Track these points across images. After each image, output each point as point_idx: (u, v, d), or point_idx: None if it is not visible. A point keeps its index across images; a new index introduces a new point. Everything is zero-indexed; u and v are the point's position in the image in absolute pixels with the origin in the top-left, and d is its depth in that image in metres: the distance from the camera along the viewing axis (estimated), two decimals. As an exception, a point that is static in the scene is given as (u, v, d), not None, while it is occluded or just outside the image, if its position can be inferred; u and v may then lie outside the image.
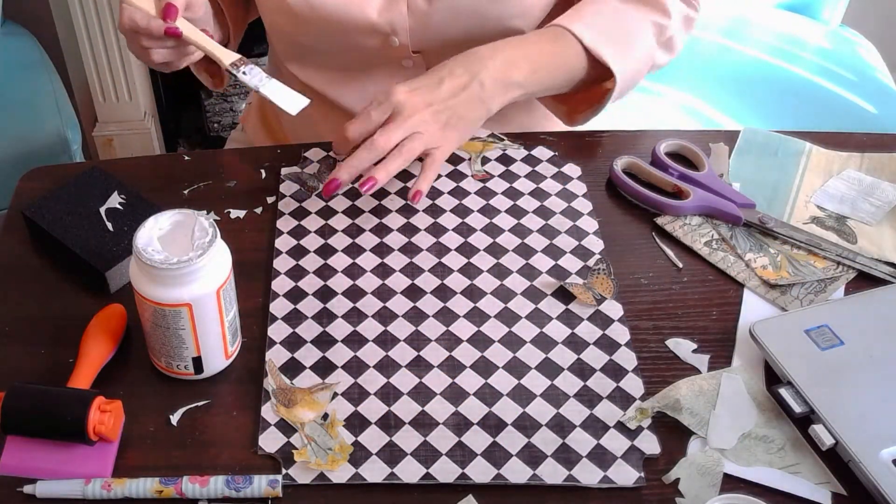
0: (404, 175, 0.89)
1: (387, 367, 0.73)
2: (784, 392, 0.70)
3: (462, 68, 0.85)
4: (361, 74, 0.98)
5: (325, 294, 0.78)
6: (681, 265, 0.83)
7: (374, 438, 0.68)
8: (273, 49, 1.06)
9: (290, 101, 0.83)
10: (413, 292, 0.79)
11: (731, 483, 0.67)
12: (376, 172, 0.81)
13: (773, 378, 0.73)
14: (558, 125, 1.07)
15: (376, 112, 0.82)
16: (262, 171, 0.90)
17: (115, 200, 0.82)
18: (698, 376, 0.73)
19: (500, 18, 0.91)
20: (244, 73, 0.82)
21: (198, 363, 0.70)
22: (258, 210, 0.86)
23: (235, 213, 0.86)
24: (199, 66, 0.96)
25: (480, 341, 0.75)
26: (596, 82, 0.94)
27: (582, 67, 0.90)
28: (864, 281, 0.82)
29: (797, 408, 0.69)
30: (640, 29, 0.92)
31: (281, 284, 0.79)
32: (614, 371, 0.73)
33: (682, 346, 0.75)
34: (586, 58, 0.90)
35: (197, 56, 0.85)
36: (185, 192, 0.87)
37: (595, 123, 1.13)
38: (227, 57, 0.83)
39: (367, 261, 0.81)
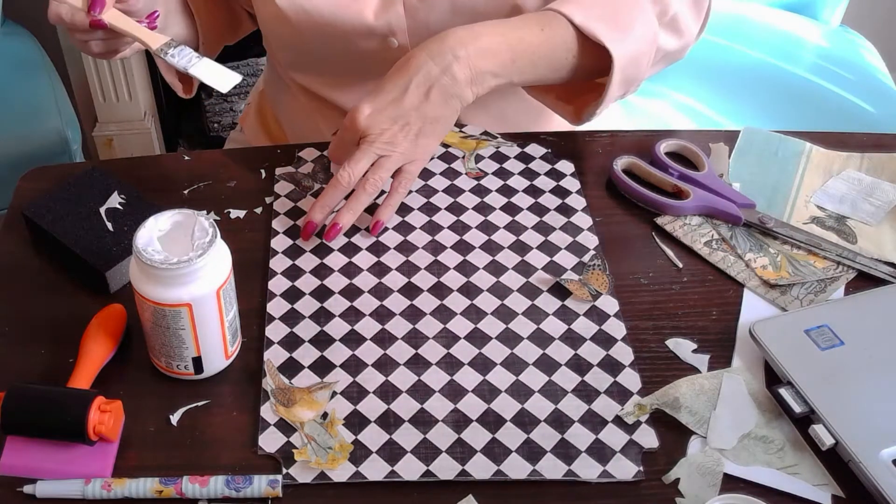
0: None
1: (385, 365, 0.73)
2: (784, 392, 0.70)
3: (431, 62, 0.80)
4: (362, 76, 0.98)
5: (321, 293, 0.78)
6: (681, 265, 0.83)
7: (373, 437, 0.68)
8: (272, 55, 1.06)
9: (221, 79, 0.80)
10: (410, 290, 0.79)
11: (731, 483, 0.67)
12: (340, 218, 0.81)
13: (773, 378, 0.73)
14: (558, 125, 1.07)
15: (349, 139, 0.82)
16: (262, 171, 0.90)
17: (115, 200, 0.82)
18: (699, 375, 0.73)
19: (497, 14, 0.91)
20: (172, 55, 0.80)
21: (198, 363, 0.70)
22: (258, 210, 0.86)
23: (235, 213, 0.86)
24: (168, 72, 0.95)
25: (478, 338, 0.75)
26: (596, 73, 0.88)
27: (574, 53, 0.84)
28: (864, 281, 0.82)
29: (797, 408, 0.69)
30: (636, 6, 0.85)
31: (277, 284, 0.79)
32: (611, 366, 0.73)
33: (682, 346, 0.76)
34: (578, 41, 0.83)
35: (137, 46, 0.84)
36: (185, 192, 0.87)
37: (595, 123, 1.12)
38: (154, 41, 0.80)
39: (363, 259, 0.81)
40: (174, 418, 0.70)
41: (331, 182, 0.82)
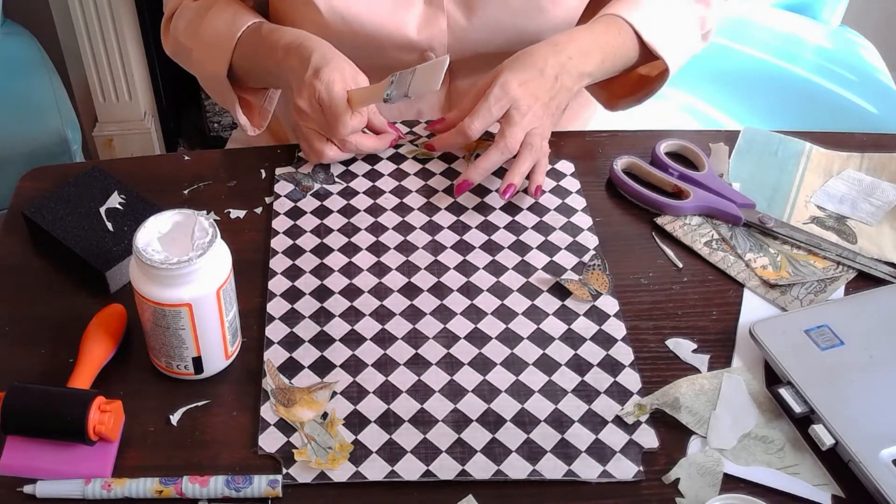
0: (399, 174, 0.89)
1: (385, 365, 0.73)
2: (784, 392, 0.70)
3: (553, 59, 0.86)
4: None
5: (321, 293, 0.78)
6: (681, 265, 0.83)
7: (373, 436, 0.68)
8: None
9: (435, 77, 0.80)
10: (410, 290, 0.79)
11: (731, 483, 0.67)
12: (512, 178, 0.84)
13: (773, 378, 0.73)
14: (559, 125, 1.07)
15: (496, 107, 0.84)
16: (262, 171, 0.90)
17: (115, 200, 0.82)
18: (699, 375, 0.73)
19: (537, 33, 0.93)
20: (390, 93, 0.82)
21: (198, 363, 0.70)
22: (258, 210, 0.86)
23: (235, 213, 0.86)
24: (241, 106, 0.95)
25: (478, 338, 0.75)
26: (638, 67, 0.96)
27: (637, 57, 0.93)
28: (864, 281, 0.82)
29: (797, 408, 0.69)
30: (688, 23, 0.95)
31: (277, 284, 0.79)
32: (611, 366, 0.73)
33: (682, 346, 0.76)
34: (640, 49, 0.92)
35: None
36: (185, 192, 0.87)
37: (595, 123, 1.13)
38: (382, 90, 0.83)
39: (364, 259, 0.81)
40: (174, 418, 0.69)
41: (496, 146, 0.84)
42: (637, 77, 0.97)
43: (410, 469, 0.66)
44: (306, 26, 0.93)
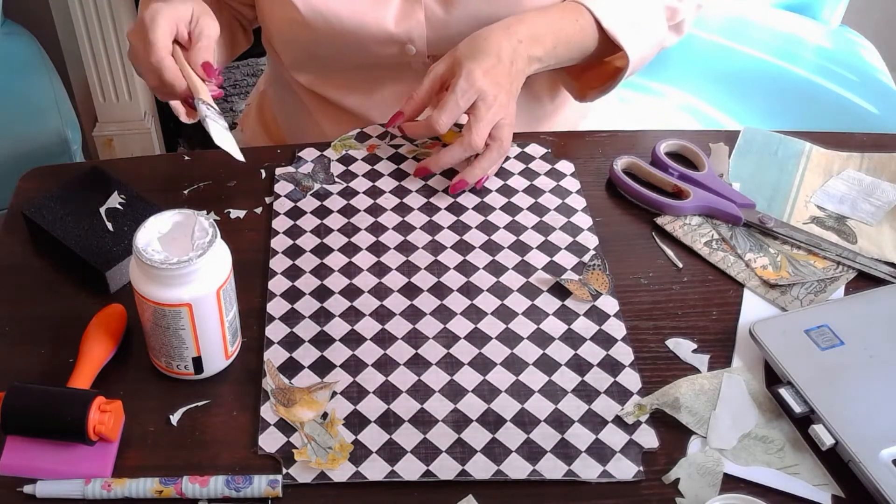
0: (399, 174, 0.89)
1: (385, 365, 0.73)
2: (784, 392, 0.70)
3: (505, 43, 0.86)
4: (368, 78, 0.98)
5: (321, 293, 0.78)
6: (681, 265, 0.83)
7: (373, 437, 0.68)
8: (275, 56, 1.04)
9: (231, 145, 0.81)
10: (410, 290, 0.79)
11: (731, 483, 0.67)
12: (467, 176, 0.85)
13: (773, 378, 0.73)
14: (558, 125, 1.07)
15: (463, 100, 0.84)
16: (262, 171, 0.90)
17: (115, 200, 0.82)
18: (699, 375, 0.73)
19: None
20: (207, 108, 0.81)
21: (198, 363, 0.70)
22: (258, 210, 0.86)
23: (235, 213, 0.86)
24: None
25: (478, 338, 0.75)
26: (604, 57, 0.95)
27: (595, 45, 0.92)
28: (864, 281, 0.82)
29: (797, 408, 0.69)
30: (653, 13, 0.94)
31: (277, 284, 0.79)
32: (611, 366, 0.73)
33: (682, 346, 0.76)
34: (600, 37, 0.91)
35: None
36: (185, 192, 0.87)
37: (595, 123, 1.13)
38: (204, 92, 0.81)
39: (364, 259, 0.81)
40: (174, 418, 0.69)
41: (458, 142, 0.84)
42: (612, 69, 0.96)
43: (410, 469, 0.66)
44: (285, 25, 0.94)
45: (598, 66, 0.96)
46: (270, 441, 0.68)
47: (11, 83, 1.57)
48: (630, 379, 0.72)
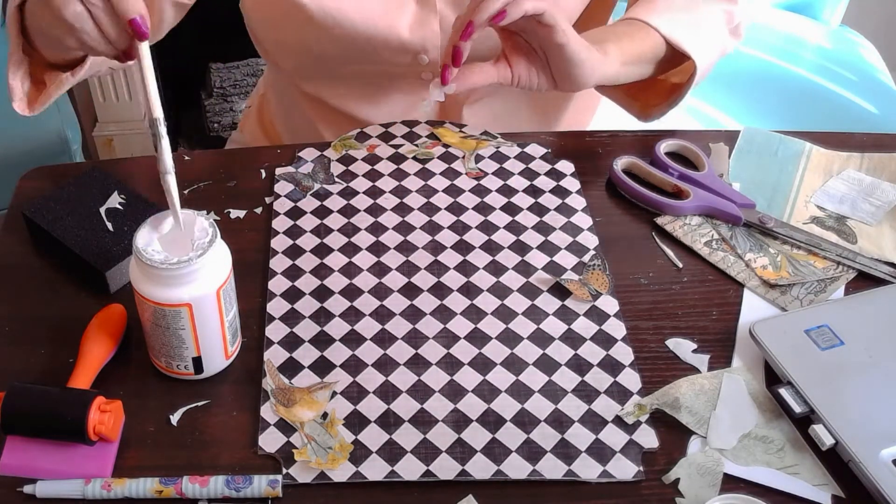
0: (399, 174, 0.89)
1: (385, 365, 0.73)
2: (784, 392, 0.70)
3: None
4: (376, 87, 0.97)
5: (321, 293, 0.78)
6: (681, 265, 0.83)
7: (373, 437, 0.68)
8: (274, 63, 1.02)
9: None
10: (410, 290, 0.79)
11: (731, 483, 0.67)
12: (474, 15, 0.75)
13: (773, 378, 0.73)
14: (558, 125, 1.07)
15: None
16: (262, 171, 0.90)
17: (115, 200, 0.82)
18: (699, 375, 0.73)
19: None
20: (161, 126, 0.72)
21: (198, 363, 0.70)
22: (258, 210, 0.86)
23: (235, 213, 0.86)
24: (25, 79, 0.81)
25: (478, 338, 0.75)
26: (666, 71, 0.93)
27: (662, 59, 0.90)
28: (864, 281, 0.82)
29: (797, 408, 0.69)
30: (712, 18, 0.92)
31: (277, 284, 0.79)
32: (611, 366, 0.73)
33: (682, 346, 0.76)
34: (666, 49, 0.89)
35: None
36: (186, 192, 0.87)
37: (595, 123, 1.13)
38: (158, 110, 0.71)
39: (364, 259, 0.81)
40: (174, 418, 0.69)
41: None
42: (670, 85, 0.94)
43: (410, 469, 0.66)
44: (292, 28, 0.91)
45: (658, 84, 0.94)
46: (270, 441, 0.68)
47: (11, 83, 1.57)
48: (630, 379, 0.72)
